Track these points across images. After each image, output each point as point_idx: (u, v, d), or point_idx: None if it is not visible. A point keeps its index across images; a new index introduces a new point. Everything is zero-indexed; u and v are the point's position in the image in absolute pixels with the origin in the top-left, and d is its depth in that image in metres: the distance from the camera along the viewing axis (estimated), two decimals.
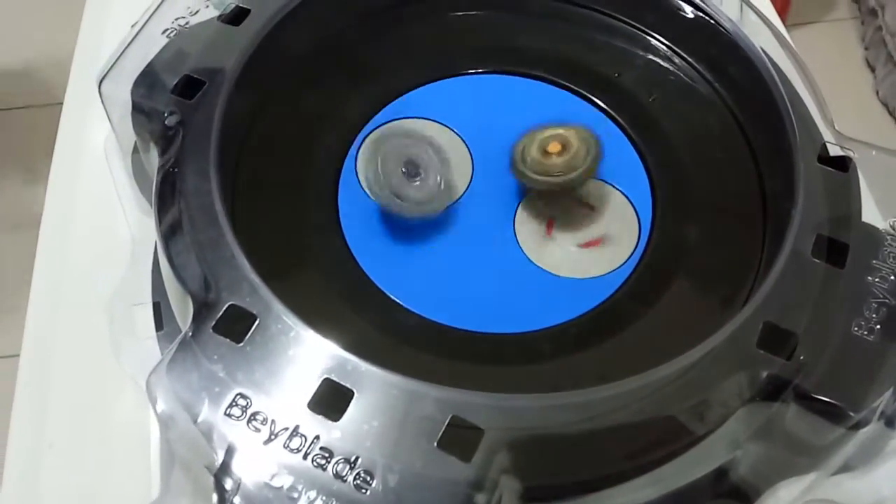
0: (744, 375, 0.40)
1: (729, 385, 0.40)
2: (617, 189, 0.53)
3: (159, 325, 0.53)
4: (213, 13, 0.55)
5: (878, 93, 1.58)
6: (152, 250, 0.56)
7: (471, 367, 0.46)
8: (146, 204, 0.57)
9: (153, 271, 0.56)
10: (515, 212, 0.52)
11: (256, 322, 0.40)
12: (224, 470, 0.37)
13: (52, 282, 0.54)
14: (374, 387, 0.38)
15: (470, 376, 0.45)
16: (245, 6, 0.53)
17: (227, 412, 0.38)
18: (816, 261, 0.44)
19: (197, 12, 0.54)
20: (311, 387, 0.38)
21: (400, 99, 0.56)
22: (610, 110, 0.57)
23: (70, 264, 0.56)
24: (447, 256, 0.50)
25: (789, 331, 0.41)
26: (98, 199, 0.59)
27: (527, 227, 0.52)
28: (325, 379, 0.38)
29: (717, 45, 0.55)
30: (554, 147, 0.50)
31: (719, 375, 0.40)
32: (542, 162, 0.50)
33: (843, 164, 0.49)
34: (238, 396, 0.38)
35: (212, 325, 0.40)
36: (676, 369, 0.40)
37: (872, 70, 1.61)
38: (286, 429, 0.37)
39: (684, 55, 0.58)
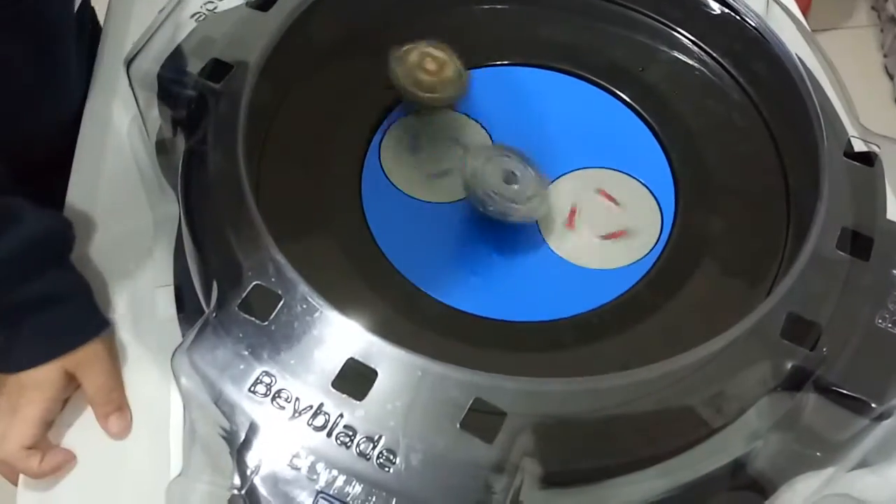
0: (767, 364, 0.40)
1: (752, 374, 0.40)
2: (640, 182, 0.53)
3: (180, 307, 0.54)
4: None
5: None
6: (174, 233, 0.57)
7: (492, 353, 0.46)
8: (169, 188, 0.58)
9: (175, 254, 0.56)
10: None
11: (282, 302, 0.40)
12: (246, 447, 0.37)
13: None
14: (397, 368, 0.38)
15: (492, 362, 0.45)
16: None
17: (252, 389, 0.38)
18: (841, 253, 0.44)
19: None
20: (335, 366, 0.38)
21: None
22: (634, 104, 0.57)
23: (93, 246, 0.56)
24: (470, 245, 0.51)
25: (813, 321, 0.41)
26: (121, 182, 0.59)
27: (549, 219, 0.52)
28: (349, 359, 0.38)
29: (742, 41, 0.55)
30: (430, 64, 0.53)
31: (743, 364, 0.40)
32: (416, 76, 0.53)
33: (868, 159, 0.49)
34: (263, 374, 0.38)
35: (237, 303, 0.40)
36: (700, 357, 0.39)
37: (891, 77, 1.61)
38: (310, 406, 0.37)
39: (709, 50, 0.58)
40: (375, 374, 0.38)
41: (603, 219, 0.52)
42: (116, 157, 0.60)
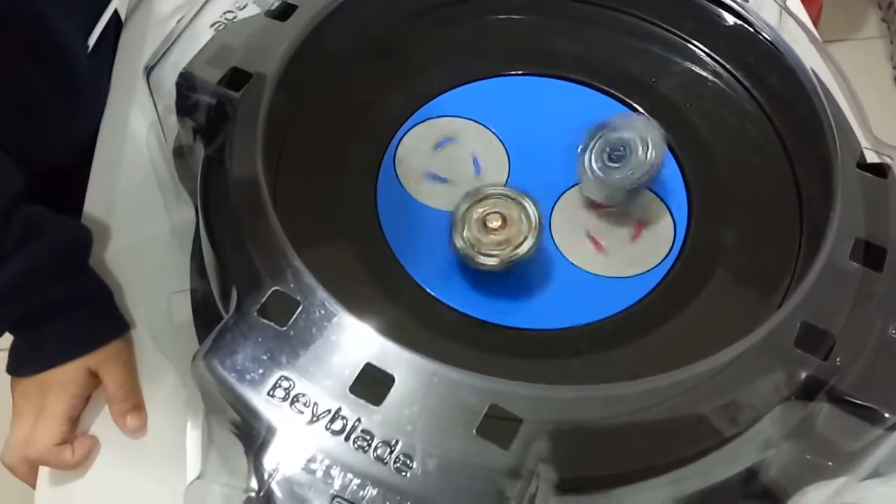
0: (781, 374, 0.40)
1: (766, 383, 0.40)
2: (653, 193, 0.54)
3: (197, 313, 0.54)
4: (260, 8, 0.56)
5: None
6: (191, 239, 0.57)
7: (507, 359, 0.46)
8: (186, 194, 0.58)
9: (191, 260, 0.57)
10: (552, 211, 0.53)
11: (300, 308, 0.41)
12: (263, 451, 0.38)
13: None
14: (413, 373, 0.39)
15: (506, 369, 0.45)
16: (292, 2, 0.54)
17: (271, 394, 0.38)
18: (854, 264, 0.44)
19: (245, 7, 0.55)
20: (353, 371, 0.39)
21: (439, 97, 0.57)
22: (646, 114, 0.57)
23: (111, 251, 0.57)
24: None
25: (826, 331, 0.42)
26: (139, 188, 0.60)
27: (563, 227, 0.52)
28: (367, 364, 0.39)
29: (756, 53, 0.56)
30: (494, 221, 0.47)
31: (756, 373, 0.40)
32: (481, 239, 0.47)
33: (881, 171, 0.49)
34: (281, 378, 0.39)
35: (256, 308, 0.41)
36: (715, 366, 0.40)
37: None
38: (328, 411, 0.38)
39: (722, 62, 0.58)
40: (393, 379, 0.39)
41: (616, 228, 0.52)
42: (134, 163, 0.61)
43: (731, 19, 0.57)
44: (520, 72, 0.59)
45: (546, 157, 0.55)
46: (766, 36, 0.55)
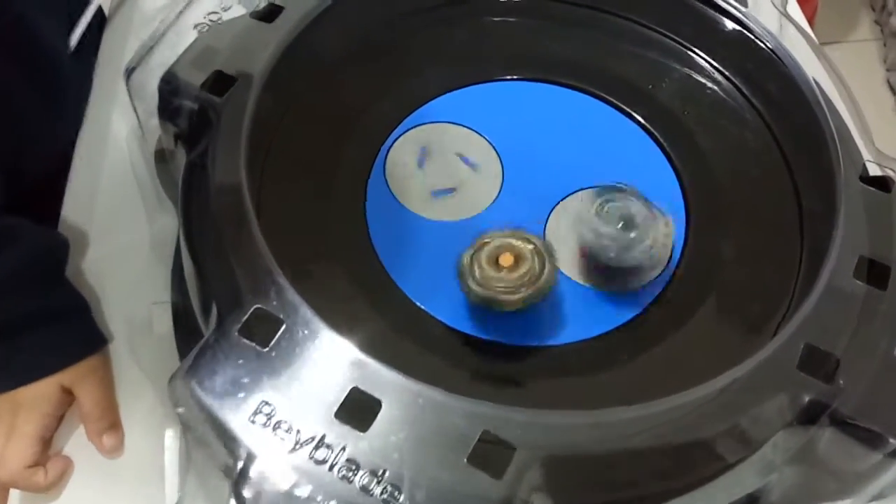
0: (784, 397, 0.39)
1: (768, 407, 0.39)
2: (650, 203, 0.52)
3: (178, 325, 0.52)
4: (245, 9, 0.54)
5: None
6: (173, 247, 0.55)
7: (499, 379, 0.45)
8: (167, 200, 0.57)
9: (173, 270, 0.55)
10: (546, 223, 0.51)
11: (283, 327, 0.39)
12: (243, 478, 0.36)
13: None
14: (402, 397, 0.37)
15: (498, 389, 0.44)
16: (279, 3, 0.52)
17: (252, 419, 0.37)
18: (858, 283, 0.43)
19: (229, 8, 0.53)
20: (339, 396, 0.37)
21: (431, 102, 0.56)
22: (644, 122, 0.56)
23: (88, 260, 0.55)
24: None
25: (830, 353, 0.40)
26: (119, 193, 0.58)
27: (558, 238, 0.50)
28: (353, 388, 0.37)
29: (756, 60, 0.54)
30: (506, 259, 0.44)
31: (759, 396, 0.39)
32: (494, 275, 0.44)
33: (884, 184, 0.48)
34: (263, 404, 0.37)
35: (237, 328, 0.39)
36: (715, 389, 0.38)
37: (894, 92, 1.60)
38: (312, 438, 0.36)
39: (721, 69, 0.57)
40: (380, 404, 0.37)
41: None
42: (115, 167, 0.59)
43: (730, 25, 0.56)
44: (514, 77, 0.57)
45: (541, 166, 0.53)
46: (766, 43, 0.53)
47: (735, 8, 0.55)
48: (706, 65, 0.57)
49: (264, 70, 0.49)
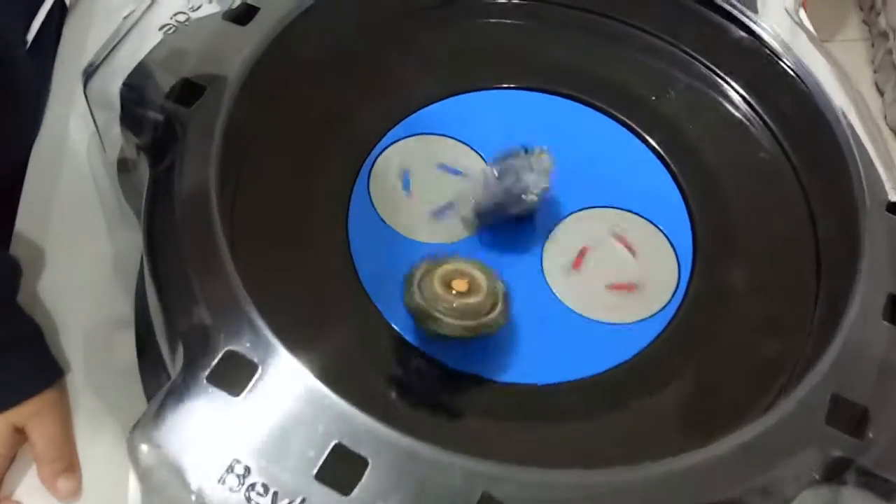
0: (811, 454, 0.35)
1: (792, 465, 0.35)
2: (657, 227, 0.48)
3: (142, 353, 0.48)
4: (216, 8, 0.49)
5: (885, 117, 1.55)
6: (136, 267, 0.51)
7: (493, 423, 0.41)
8: (131, 214, 0.52)
9: (137, 291, 0.51)
10: (545, 244, 0.47)
11: (258, 372, 0.35)
12: None
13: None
14: (391, 454, 0.33)
15: (494, 436, 0.40)
16: (254, 4, 0.48)
17: (221, 480, 0.32)
18: (886, 324, 0.39)
19: (199, 7, 0.48)
20: (320, 453, 0.33)
21: (418, 112, 0.51)
22: (646, 135, 0.52)
23: (44, 280, 0.50)
24: None
25: (858, 404, 0.37)
26: (77, 207, 0.53)
27: (555, 263, 0.47)
28: (336, 444, 0.33)
29: (768, 72, 0.51)
30: (459, 285, 0.41)
31: (782, 454, 0.35)
32: (440, 293, 0.40)
33: None
34: (234, 462, 0.33)
35: (206, 374, 0.35)
36: (734, 445, 0.35)
37: (881, 94, 1.58)
38: (290, 502, 0.32)
39: (730, 80, 0.53)
40: (366, 462, 0.33)
41: (613, 266, 0.47)
42: (73, 178, 0.54)
43: (739, 33, 0.52)
44: (507, 85, 0.53)
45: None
46: (780, 54, 0.50)
47: (745, 15, 0.52)
48: (713, 76, 0.54)
49: (236, 77, 0.44)
